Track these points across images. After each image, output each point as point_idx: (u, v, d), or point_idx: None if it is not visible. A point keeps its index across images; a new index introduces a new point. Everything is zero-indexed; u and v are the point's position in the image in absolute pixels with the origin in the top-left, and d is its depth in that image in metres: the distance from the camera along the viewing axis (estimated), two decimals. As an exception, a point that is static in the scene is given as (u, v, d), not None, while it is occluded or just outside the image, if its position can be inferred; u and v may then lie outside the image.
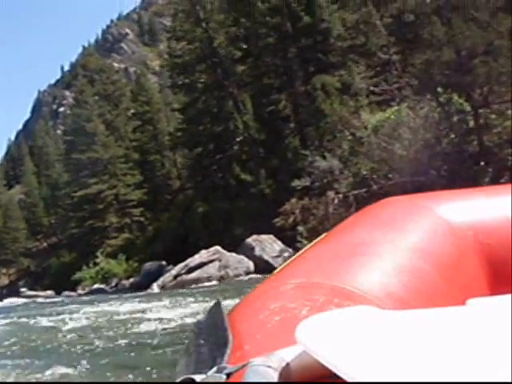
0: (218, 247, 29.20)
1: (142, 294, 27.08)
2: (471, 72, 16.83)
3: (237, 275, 27.34)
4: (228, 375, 1.06)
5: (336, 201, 20.23)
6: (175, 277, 28.75)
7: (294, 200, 22.98)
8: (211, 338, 1.35)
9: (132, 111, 61.94)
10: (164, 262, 35.86)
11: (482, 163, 17.36)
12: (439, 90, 18.21)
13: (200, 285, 26.71)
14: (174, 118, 53.18)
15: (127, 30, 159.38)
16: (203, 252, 29.26)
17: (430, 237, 1.89)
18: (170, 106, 58.26)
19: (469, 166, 17.43)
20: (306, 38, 32.04)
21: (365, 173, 19.91)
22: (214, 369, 1.10)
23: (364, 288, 1.57)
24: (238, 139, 35.67)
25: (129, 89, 66.29)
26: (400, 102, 22.81)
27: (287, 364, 1.00)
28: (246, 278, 26.48)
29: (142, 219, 55.85)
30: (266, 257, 27.06)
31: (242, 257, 28.02)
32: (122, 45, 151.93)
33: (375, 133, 20.46)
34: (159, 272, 33.38)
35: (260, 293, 1.63)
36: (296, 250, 24.85)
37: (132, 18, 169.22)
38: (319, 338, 0.97)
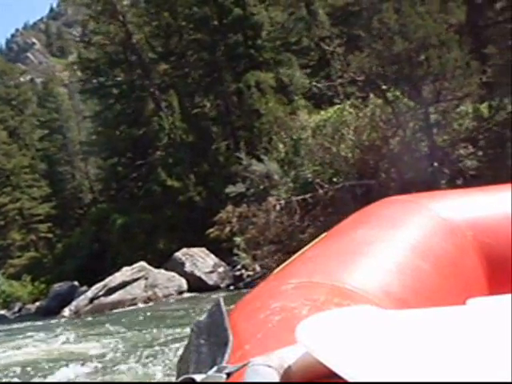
0: (143, 263, 25.48)
1: (50, 321, 22.87)
2: (422, 66, 16.23)
3: (167, 295, 23.70)
4: (228, 375, 1.06)
5: (278, 207, 18.80)
6: (91, 300, 24.24)
7: (230, 207, 21.15)
8: (211, 338, 1.34)
9: (39, 118, 57.24)
10: (76, 283, 31.49)
11: (436, 164, 16.85)
12: (386, 86, 17.56)
13: (122, 309, 22.71)
14: (86, 127, 50.02)
15: (34, 40, 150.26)
16: (126, 269, 25.22)
17: (430, 236, 1.91)
18: (80, 114, 54.19)
19: (421, 168, 16.89)
20: (236, 33, 30.22)
21: (308, 176, 18.93)
22: (215, 368, 1.10)
23: (364, 287, 1.58)
24: (162, 142, 32.88)
25: (35, 96, 61.72)
26: (344, 100, 21.96)
27: (287, 364, 1.00)
28: (178, 297, 22.97)
29: (49, 235, 50.38)
30: (197, 273, 24.10)
31: (172, 274, 24.57)
32: (28, 55, 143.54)
33: (316, 133, 19.63)
34: (71, 294, 29.09)
35: (260, 292, 1.63)
36: (232, 264, 22.79)
37: (39, 27, 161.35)
38: (319, 337, 0.97)
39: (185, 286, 23.86)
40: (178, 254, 25.29)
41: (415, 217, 1.98)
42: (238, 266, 21.78)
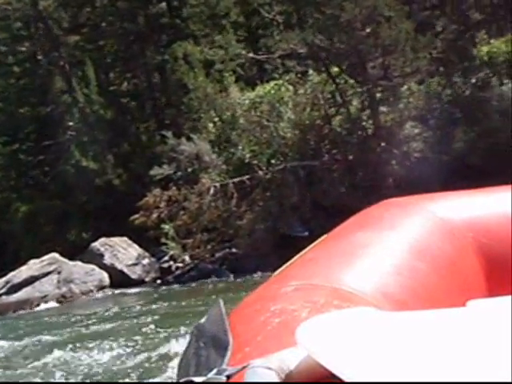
0: (55, 254, 21.68)
1: None
2: (369, 38, 15.23)
3: (85, 292, 20.01)
4: (228, 377, 1.06)
5: (212, 191, 17.18)
6: None
7: (157, 190, 18.79)
8: (211, 340, 1.33)
9: None
10: None
11: (383, 144, 15.87)
12: (330, 60, 16.42)
13: (30, 310, 19.00)
14: None
15: None
16: (33, 262, 21.37)
17: (429, 238, 1.92)
18: None
19: (367, 149, 15.87)
20: (160, 2, 27.40)
21: (244, 157, 17.56)
22: (214, 371, 1.09)
23: (364, 290, 1.58)
24: (75, 118, 28.99)
25: None
26: (282, 75, 20.48)
27: (287, 365, 1.00)
28: (100, 295, 19.31)
29: None
30: (119, 265, 20.74)
31: (91, 266, 20.95)
32: None
33: (251, 111, 18.19)
34: None
35: (260, 294, 1.63)
36: (158, 254, 19.59)
37: None
38: (319, 339, 0.98)
39: (107, 280, 20.46)
40: (96, 245, 21.78)
41: (415, 219, 2.00)
42: (166, 258, 19.16)
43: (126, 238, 21.43)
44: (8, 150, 32.75)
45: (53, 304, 19.19)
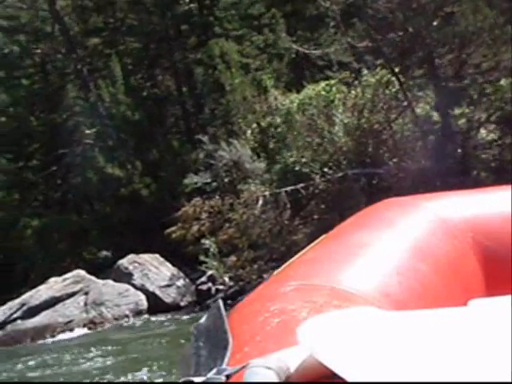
0: (80, 271, 18.93)
1: None
2: (441, 29, 13.23)
3: (119, 317, 16.96)
4: (228, 377, 1.06)
5: (261, 201, 15.20)
6: (2, 325, 17.24)
7: (197, 200, 16.66)
8: (211, 340, 1.35)
9: None
10: None
11: (459, 151, 14.16)
12: (392, 55, 14.77)
13: (52, 338, 15.91)
14: None
15: None
16: (54, 280, 18.45)
17: (430, 238, 1.92)
18: None
19: (437, 156, 14.16)
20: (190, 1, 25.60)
21: (296, 164, 15.61)
22: (214, 371, 1.10)
23: (363, 290, 1.59)
24: (95, 128, 26.79)
25: None
26: (337, 72, 18.81)
27: (286, 365, 1.00)
28: (136, 321, 16.33)
29: None
30: (150, 287, 17.89)
31: (125, 286, 17.99)
32: None
33: (300, 113, 16.34)
34: None
35: (260, 294, 1.63)
36: (191, 274, 17.43)
37: None
38: (322, 339, 0.98)
39: (144, 303, 17.54)
40: (123, 262, 18.99)
41: (415, 218, 2.00)
42: (203, 279, 16.77)
43: (157, 255, 19.04)
44: (13, 167, 30.05)
45: (80, 331, 16.30)
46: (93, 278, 18.30)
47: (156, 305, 16.61)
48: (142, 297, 17.52)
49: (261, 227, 15.03)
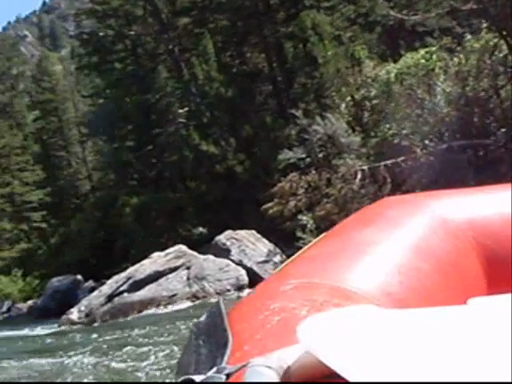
0: (182, 246, 19.23)
1: (51, 327, 17.35)
2: None
3: (221, 291, 17.26)
4: (228, 376, 1.07)
5: (359, 175, 14.86)
6: (110, 297, 17.85)
7: (293, 175, 16.30)
8: (211, 339, 1.36)
9: (32, 99, 51.23)
10: (79, 277, 26.20)
11: None
12: (499, 17, 13.80)
13: (157, 311, 16.72)
14: (83, 109, 46.20)
15: (26, 33, 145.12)
16: (157, 255, 19.03)
17: (430, 236, 1.91)
18: (78, 93, 48.50)
19: None
20: None
21: (396, 137, 15.09)
22: (214, 369, 1.10)
23: (364, 288, 1.58)
24: (187, 107, 26.88)
25: (29, 71, 55.91)
26: (438, 38, 17.99)
27: (287, 364, 1.00)
28: (237, 295, 16.55)
29: (43, 226, 43.53)
30: (248, 263, 18.11)
31: (226, 261, 18.27)
32: (21, 47, 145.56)
33: (398, 84, 15.75)
34: (73, 291, 23.91)
35: (260, 293, 1.64)
36: (287, 251, 16.36)
37: (31, 20, 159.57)
38: (322, 337, 0.97)
39: (245, 278, 17.86)
40: (221, 238, 19.34)
41: (415, 217, 1.99)
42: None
43: (253, 232, 19.31)
44: (116, 141, 31.97)
45: (183, 304, 16.93)
46: (194, 253, 18.74)
47: (254, 280, 16.49)
48: (243, 272, 17.83)
49: (359, 202, 14.53)
